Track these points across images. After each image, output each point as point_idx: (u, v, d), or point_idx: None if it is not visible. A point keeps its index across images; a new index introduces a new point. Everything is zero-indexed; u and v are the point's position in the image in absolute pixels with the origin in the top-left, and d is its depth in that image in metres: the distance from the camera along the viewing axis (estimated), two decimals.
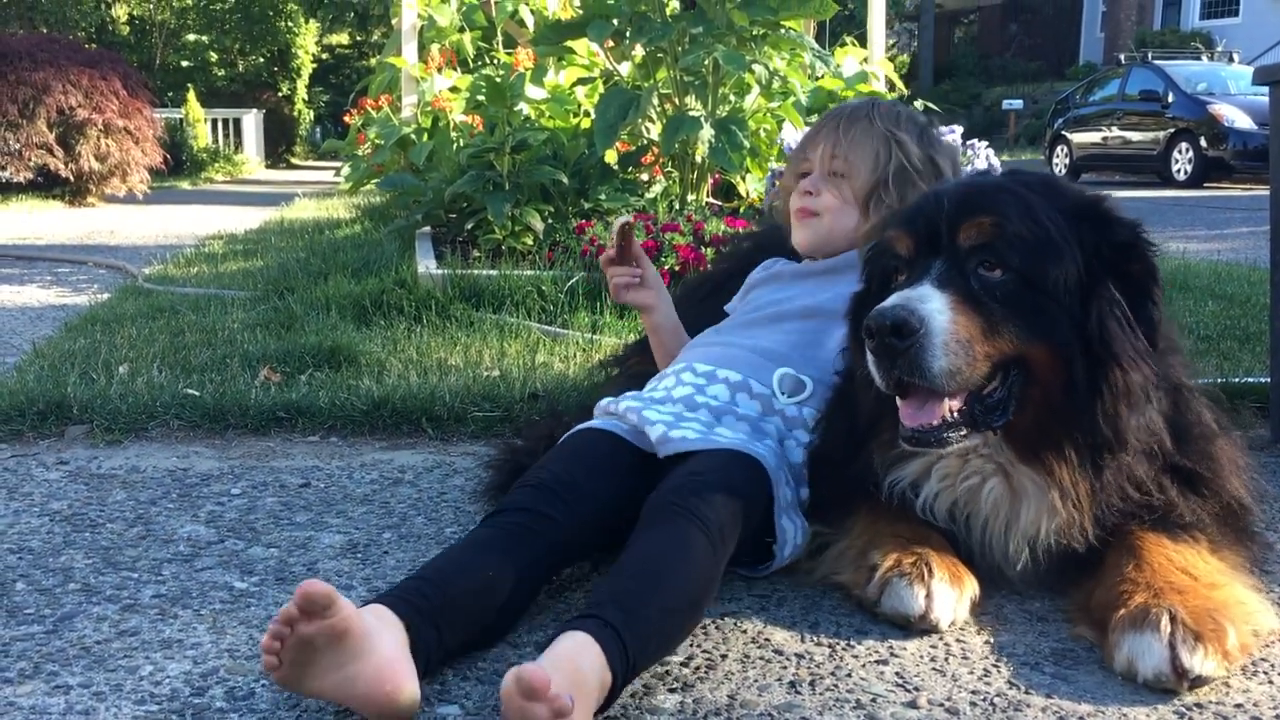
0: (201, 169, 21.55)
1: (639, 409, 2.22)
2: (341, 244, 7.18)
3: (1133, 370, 1.89)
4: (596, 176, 5.97)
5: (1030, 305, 1.90)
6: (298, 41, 32.40)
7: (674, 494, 1.91)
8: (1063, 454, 1.93)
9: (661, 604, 1.71)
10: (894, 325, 1.83)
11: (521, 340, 4.19)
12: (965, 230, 1.94)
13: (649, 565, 1.76)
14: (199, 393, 3.35)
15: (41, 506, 2.56)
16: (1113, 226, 1.98)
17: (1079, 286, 1.92)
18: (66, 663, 1.79)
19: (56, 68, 12.91)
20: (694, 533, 1.83)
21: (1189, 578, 1.83)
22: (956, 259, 1.94)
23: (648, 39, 5.36)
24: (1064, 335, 1.90)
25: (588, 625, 1.60)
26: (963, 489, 2.01)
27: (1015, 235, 1.91)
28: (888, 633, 1.93)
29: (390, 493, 2.69)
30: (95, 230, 10.01)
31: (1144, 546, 1.91)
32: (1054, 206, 1.97)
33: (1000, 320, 1.89)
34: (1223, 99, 17.39)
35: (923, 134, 2.57)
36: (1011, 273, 1.91)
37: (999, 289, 1.91)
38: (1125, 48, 24.80)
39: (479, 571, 1.81)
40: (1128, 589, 1.82)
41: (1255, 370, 3.58)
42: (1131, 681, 1.74)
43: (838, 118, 2.59)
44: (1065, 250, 1.92)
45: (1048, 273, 1.90)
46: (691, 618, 1.82)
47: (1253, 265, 6.26)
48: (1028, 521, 1.97)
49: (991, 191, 2.01)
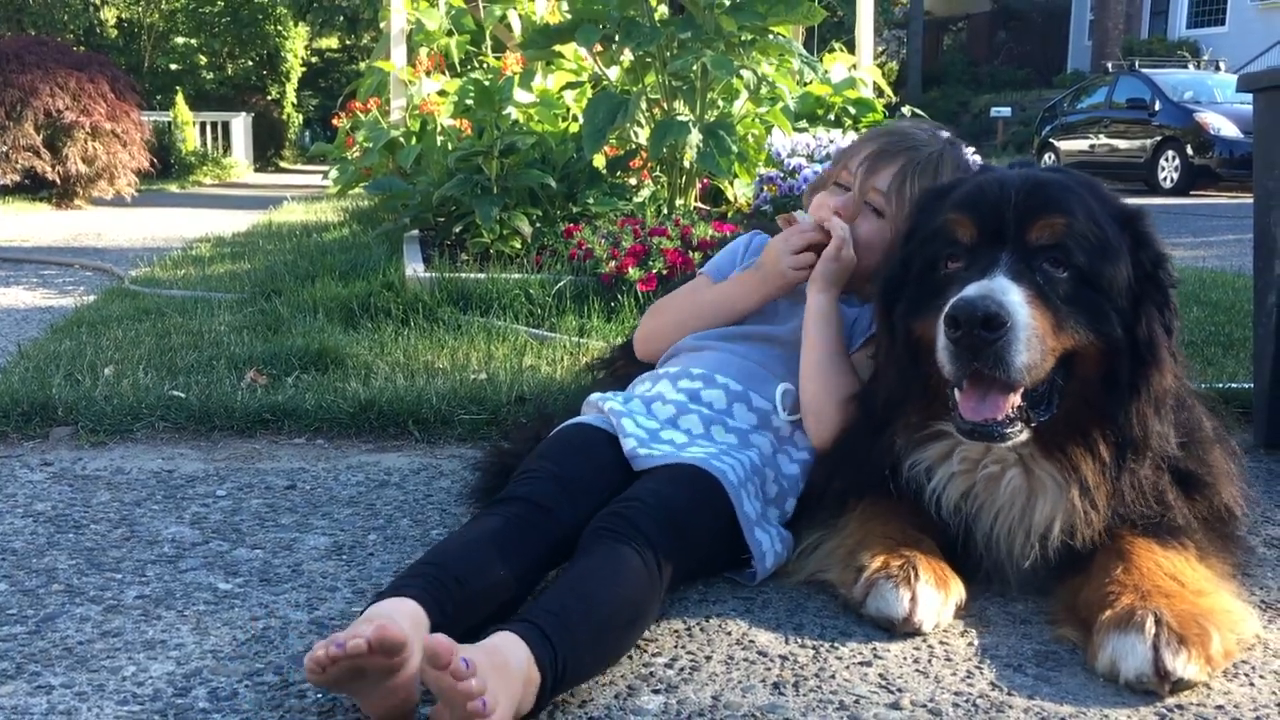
0: (190, 172, 21.47)
1: (620, 414, 2.23)
2: (329, 247, 7.16)
3: (1169, 375, 1.94)
4: (585, 180, 5.98)
5: (1088, 303, 1.93)
6: (287, 45, 32.34)
7: (613, 517, 1.92)
8: (1091, 450, 1.95)
9: (595, 621, 1.72)
10: (985, 318, 1.80)
11: (509, 343, 4.19)
12: (1038, 227, 1.94)
13: (582, 585, 1.78)
14: (185, 395, 3.34)
15: (25, 508, 2.55)
16: (1150, 237, 2.02)
17: (1128, 289, 1.95)
18: (49, 663, 1.78)
19: (44, 70, 12.85)
20: (629, 554, 1.84)
21: (1177, 583, 1.84)
22: (1024, 253, 1.94)
23: (636, 44, 5.37)
24: (1116, 334, 1.93)
25: (517, 627, 1.63)
26: (982, 476, 2.03)
27: (1081, 235, 1.94)
28: (871, 634, 1.93)
29: (376, 495, 2.69)
30: (82, 233, 9.97)
31: (1134, 551, 1.92)
32: (1104, 209, 2.00)
33: (1065, 316, 1.91)
34: (1209, 107, 17.49)
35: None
36: (1074, 270, 1.93)
37: (1062, 286, 1.92)
38: (1113, 56, 24.90)
39: (493, 570, 1.83)
40: (1115, 590, 1.84)
41: (1239, 376, 3.60)
42: (1113, 682, 1.75)
43: (910, 155, 2.43)
44: (1120, 254, 1.96)
45: (1105, 273, 1.94)
46: (629, 635, 1.82)
47: (1238, 272, 6.29)
48: (1041, 516, 1.99)
49: (1059, 189, 2.00)
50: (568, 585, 1.78)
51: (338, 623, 1.94)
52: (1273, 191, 3.00)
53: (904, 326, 2.07)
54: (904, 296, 2.09)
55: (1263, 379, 3.09)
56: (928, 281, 2.04)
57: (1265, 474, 2.88)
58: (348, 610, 2.00)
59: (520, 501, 1.98)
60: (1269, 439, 3.07)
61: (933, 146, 2.44)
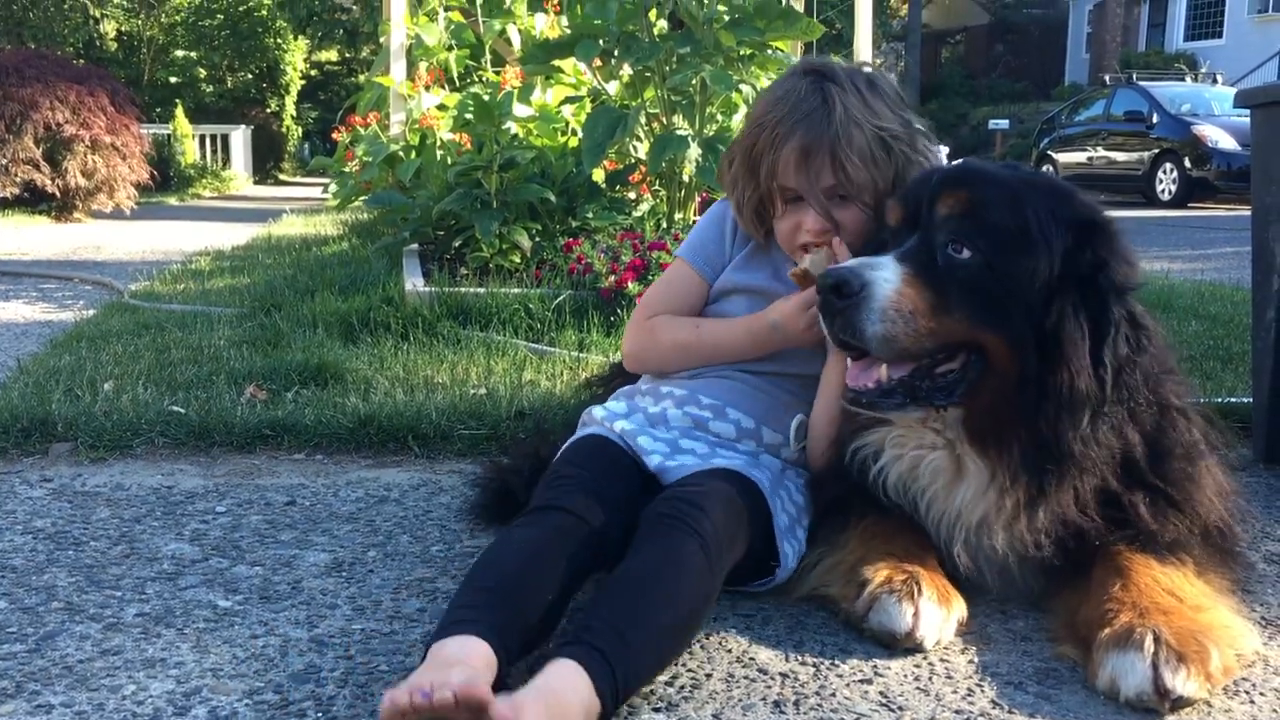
0: (189, 185, 21.49)
1: (634, 433, 2.21)
2: (329, 261, 7.17)
3: (1079, 378, 1.90)
4: (584, 195, 5.99)
5: (992, 292, 1.93)
6: (286, 58, 32.40)
7: (670, 504, 1.91)
8: (1005, 447, 1.96)
9: (655, 623, 1.71)
10: (834, 284, 1.93)
11: (508, 358, 4.19)
12: (942, 201, 1.99)
13: (643, 582, 1.76)
14: (184, 410, 3.34)
15: (25, 524, 2.54)
16: (1098, 242, 1.97)
17: (1045, 286, 1.92)
18: (49, 682, 1.78)
19: (44, 84, 12.87)
20: (690, 546, 1.83)
21: (1175, 599, 1.84)
22: (930, 234, 2.00)
23: (636, 59, 5.38)
24: (1018, 328, 1.92)
25: (577, 653, 1.60)
26: (908, 458, 2.07)
27: (989, 219, 1.95)
28: (872, 652, 1.93)
29: (376, 511, 2.69)
30: (82, 246, 9.98)
31: (1131, 567, 1.92)
32: (1046, 205, 1.97)
33: (955, 301, 1.92)
34: (1206, 120, 17.54)
35: (887, 101, 2.30)
36: (980, 255, 1.94)
37: (962, 269, 1.95)
38: (1110, 69, 25.00)
39: (548, 592, 1.80)
40: (1113, 607, 1.84)
41: (1238, 390, 3.60)
42: (1113, 700, 1.74)
43: (826, 134, 2.20)
44: (1040, 247, 1.93)
45: (1015, 263, 1.93)
46: (687, 634, 1.82)
47: (1236, 285, 6.29)
48: (964, 501, 2.01)
49: (979, 174, 2.05)
50: (628, 590, 1.75)
51: (338, 641, 1.94)
52: (1270, 207, 3.00)
53: None
54: None
55: (1261, 394, 3.09)
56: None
57: (1265, 489, 2.88)
58: (348, 628, 2.00)
59: (562, 513, 1.93)
60: (1268, 454, 3.07)
61: (835, 111, 2.20)
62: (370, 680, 1.79)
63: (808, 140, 2.21)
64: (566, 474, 2.07)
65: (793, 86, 2.29)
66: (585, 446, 2.21)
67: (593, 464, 2.12)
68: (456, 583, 2.22)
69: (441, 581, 2.23)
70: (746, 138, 2.34)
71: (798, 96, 2.25)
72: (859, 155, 2.20)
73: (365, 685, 1.78)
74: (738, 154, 2.38)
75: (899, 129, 2.26)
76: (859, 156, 2.20)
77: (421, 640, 1.94)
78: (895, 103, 2.31)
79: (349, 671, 1.82)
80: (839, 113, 2.20)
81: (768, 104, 2.31)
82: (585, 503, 1.96)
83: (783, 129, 2.24)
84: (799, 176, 2.24)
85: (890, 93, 2.31)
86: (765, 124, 2.27)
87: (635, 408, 2.35)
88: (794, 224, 2.29)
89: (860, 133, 2.20)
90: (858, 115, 2.22)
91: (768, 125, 2.27)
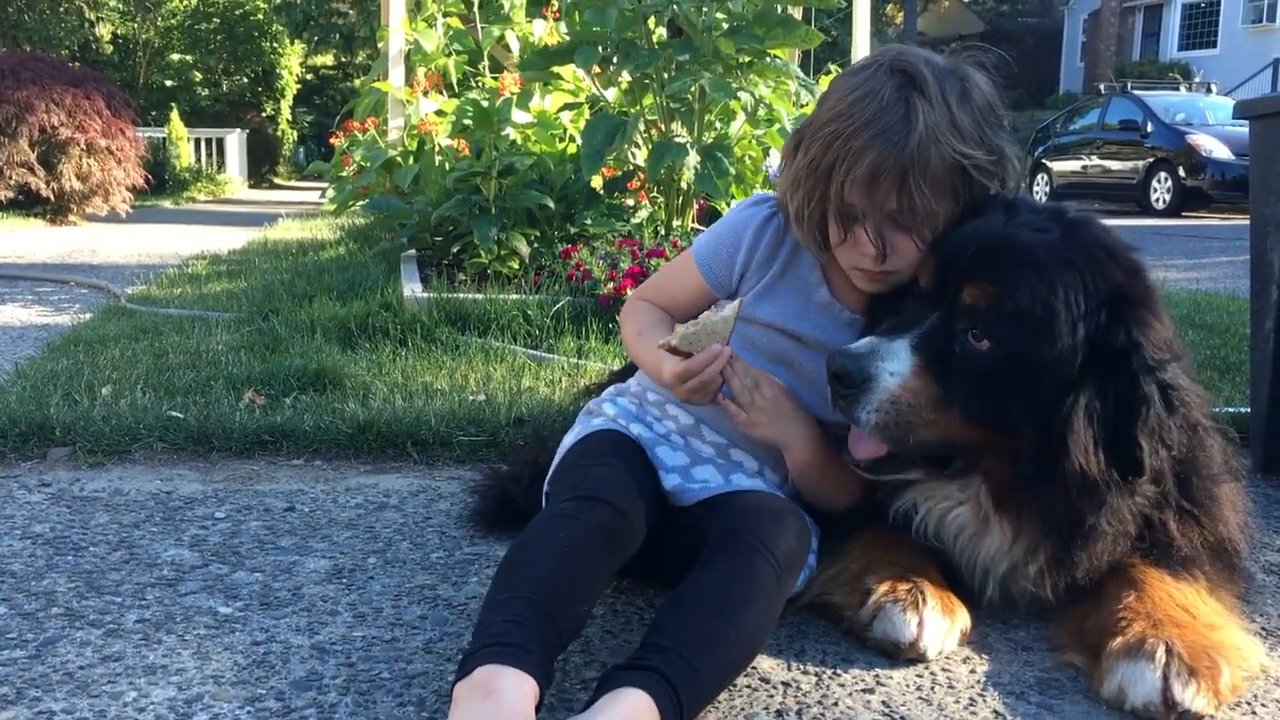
0: (184, 188, 21.48)
1: (651, 442, 2.18)
2: (326, 266, 7.17)
3: (1090, 466, 1.86)
4: (583, 201, 6.00)
5: (1005, 385, 1.89)
6: (282, 62, 32.37)
7: (744, 519, 1.87)
8: (1026, 518, 1.96)
9: (725, 651, 1.68)
10: (836, 373, 1.95)
11: (507, 364, 4.19)
12: (968, 290, 1.93)
13: (718, 604, 1.72)
14: (183, 415, 3.33)
15: (24, 529, 2.54)
16: (1133, 320, 1.90)
17: (1066, 376, 1.87)
18: (49, 688, 1.77)
19: (40, 86, 12.86)
20: (764, 567, 1.78)
21: (1188, 614, 1.84)
22: (950, 317, 1.95)
23: (635, 66, 5.39)
24: (1016, 424, 1.90)
25: (650, 684, 1.56)
26: (936, 511, 2.07)
27: (1015, 309, 1.88)
28: (874, 661, 1.93)
29: (375, 517, 2.68)
30: (77, 249, 9.97)
31: (1146, 580, 1.92)
32: (1080, 282, 1.88)
33: (962, 396, 1.91)
34: (1201, 129, 17.62)
35: (978, 116, 2.02)
36: (999, 347, 1.90)
37: (980, 362, 1.91)
38: (1105, 77, 25.08)
39: (585, 604, 1.76)
40: (1127, 617, 1.84)
41: (1236, 400, 3.61)
42: (1118, 709, 1.75)
43: (900, 158, 1.93)
44: (1065, 337, 1.86)
45: (1037, 356, 1.88)
46: (749, 661, 1.79)
47: (1232, 295, 6.31)
48: (989, 554, 2.02)
49: (1013, 253, 1.92)
50: (700, 611, 1.71)
51: (339, 648, 1.94)
52: (1269, 218, 3.01)
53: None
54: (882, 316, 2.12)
55: (1259, 404, 3.10)
56: (889, 306, 2.11)
57: (1262, 499, 2.89)
58: (349, 635, 1.99)
59: (605, 506, 1.84)
60: (1266, 464, 3.08)
61: (916, 132, 1.94)
62: (372, 687, 1.79)
63: (879, 160, 1.94)
64: (600, 464, 1.98)
65: (876, 88, 1.99)
66: (609, 440, 2.14)
67: (625, 458, 2.05)
68: (457, 589, 2.22)
69: (442, 588, 2.23)
70: (818, 140, 2.04)
71: (879, 104, 1.96)
72: (932, 185, 1.95)
73: (367, 692, 1.77)
74: (804, 159, 2.07)
75: (984, 158, 1.99)
76: (931, 187, 1.95)
77: (423, 647, 1.94)
78: (987, 116, 2.03)
79: (351, 679, 1.82)
80: (919, 132, 1.93)
81: (845, 101, 2.01)
82: (628, 498, 1.88)
83: (856, 143, 1.96)
84: (863, 196, 1.98)
85: (982, 104, 2.02)
86: (839, 132, 1.98)
87: (644, 416, 2.26)
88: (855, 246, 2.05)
89: (940, 159, 1.95)
90: (940, 136, 1.94)
91: (841, 135, 1.98)
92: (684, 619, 1.70)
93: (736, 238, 2.25)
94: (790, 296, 2.21)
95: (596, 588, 1.80)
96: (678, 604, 1.73)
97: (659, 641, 1.65)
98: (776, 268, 2.22)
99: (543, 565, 1.74)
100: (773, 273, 2.21)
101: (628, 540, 1.86)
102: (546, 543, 1.79)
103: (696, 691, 1.61)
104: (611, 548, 1.82)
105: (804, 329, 2.18)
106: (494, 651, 1.57)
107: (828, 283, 2.20)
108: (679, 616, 1.70)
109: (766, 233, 2.22)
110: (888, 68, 2.02)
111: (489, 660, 1.56)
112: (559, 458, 2.21)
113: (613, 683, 1.58)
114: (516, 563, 1.78)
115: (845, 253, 2.08)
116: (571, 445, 2.20)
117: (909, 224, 1.99)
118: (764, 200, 2.28)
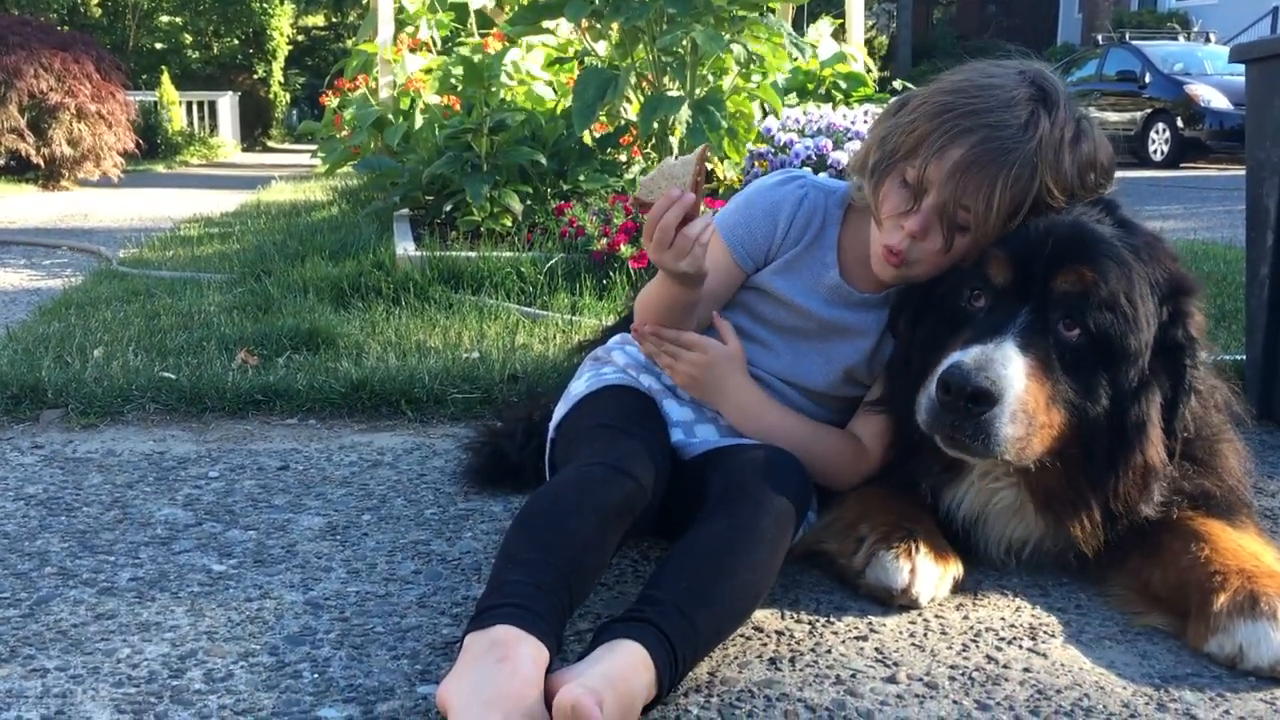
0: (176, 152, 21.36)
1: (660, 394, 2.18)
2: (319, 226, 7.13)
3: (1158, 455, 1.89)
4: (575, 158, 5.95)
5: (1087, 375, 1.87)
6: (273, 23, 32.07)
7: (744, 473, 1.87)
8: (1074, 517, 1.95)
9: (722, 604, 1.67)
10: (974, 393, 1.78)
11: (501, 322, 4.18)
12: (1063, 275, 1.87)
13: (716, 558, 1.71)
14: (175, 376, 3.32)
15: (16, 490, 2.53)
16: (1190, 315, 1.92)
17: (1140, 368, 1.88)
18: (43, 646, 1.77)
19: (28, 51, 12.75)
20: (765, 521, 1.78)
21: (1260, 564, 1.82)
22: (1044, 308, 1.88)
23: (625, 18, 5.33)
24: (1096, 415, 1.87)
25: (645, 636, 1.56)
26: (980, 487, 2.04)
27: (1106, 299, 1.85)
28: (867, 609, 1.94)
29: (369, 475, 2.68)
30: (69, 214, 9.91)
31: (1209, 531, 1.90)
32: (1148, 275, 1.89)
33: (1061, 392, 1.86)
34: (1199, 79, 17.49)
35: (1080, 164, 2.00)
36: (1088, 337, 1.87)
37: (1070, 352, 1.87)
38: (1103, 28, 24.82)
39: (600, 573, 1.78)
40: (1218, 571, 1.79)
41: (1232, 348, 3.60)
42: (1230, 667, 1.72)
43: (1003, 157, 1.90)
44: (1144, 329, 1.86)
45: (1119, 345, 1.86)
46: (747, 615, 1.79)
47: (1228, 244, 6.29)
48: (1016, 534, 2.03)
49: (1096, 244, 1.89)
50: (699, 565, 1.70)
51: (333, 603, 1.94)
52: (1264, 162, 2.99)
53: (920, 355, 2.01)
54: (925, 319, 2.04)
55: (1255, 350, 3.09)
56: (949, 309, 1.99)
57: (1257, 445, 2.88)
58: (343, 590, 1.99)
59: (632, 481, 1.81)
60: (1260, 410, 3.08)
61: (1027, 144, 1.91)
62: (366, 642, 1.79)
63: (981, 148, 1.90)
64: (626, 434, 1.95)
65: (1011, 86, 1.97)
66: (628, 401, 2.14)
67: (649, 426, 2.05)
68: (451, 545, 2.22)
69: (436, 544, 2.23)
70: (929, 103, 2.00)
71: (1008, 100, 1.94)
72: (1012, 197, 1.92)
73: (361, 647, 1.78)
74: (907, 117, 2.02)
75: (1059, 203, 1.96)
76: (1011, 198, 1.92)
77: (417, 602, 1.94)
78: (1084, 171, 1.99)
79: (344, 633, 1.82)
80: (1034, 143, 1.92)
81: (976, 83, 2.00)
82: (651, 474, 1.86)
83: (967, 122, 1.92)
84: (944, 176, 1.92)
85: (1085, 158, 1.99)
86: (956, 105, 1.95)
87: (652, 366, 2.23)
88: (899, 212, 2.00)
89: (1030, 183, 1.93)
90: (1045, 158, 1.92)
91: (957, 109, 1.94)
92: (682, 572, 1.69)
93: (772, 219, 2.21)
94: (805, 274, 2.21)
95: (607, 561, 1.82)
96: (676, 557, 1.73)
97: (656, 594, 1.65)
98: (800, 247, 2.21)
99: (573, 531, 1.71)
100: (796, 251, 2.21)
101: (642, 514, 1.86)
102: (577, 509, 1.75)
103: (692, 644, 1.61)
104: (628, 523, 1.81)
105: (813, 305, 2.19)
106: (517, 614, 1.56)
107: (840, 265, 2.20)
108: (677, 570, 1.70)
109: (799, 213, 2.21)
110: (1030, 78, 2.00)
111: (510, 620, 1.55)
112: (569, 405, 2.18)
113: (608, 635, 1.58)
114: (546, 515, 1.75)
115: (889, 227, 2.02)
116: (584, 396, 2.17)
117: (965, 222, 1.95)
118: (793, 179, 2.26)
